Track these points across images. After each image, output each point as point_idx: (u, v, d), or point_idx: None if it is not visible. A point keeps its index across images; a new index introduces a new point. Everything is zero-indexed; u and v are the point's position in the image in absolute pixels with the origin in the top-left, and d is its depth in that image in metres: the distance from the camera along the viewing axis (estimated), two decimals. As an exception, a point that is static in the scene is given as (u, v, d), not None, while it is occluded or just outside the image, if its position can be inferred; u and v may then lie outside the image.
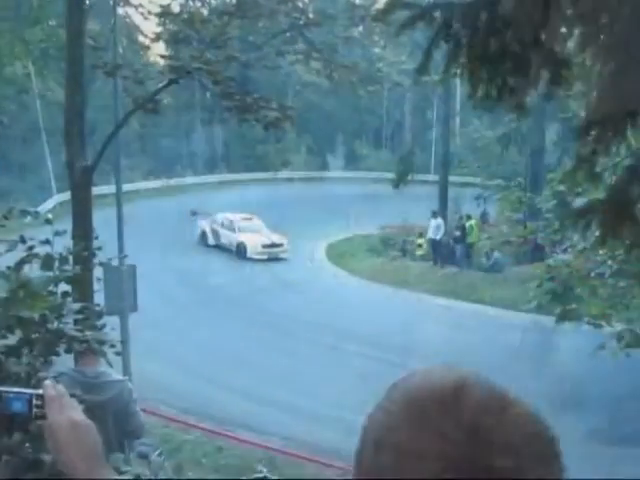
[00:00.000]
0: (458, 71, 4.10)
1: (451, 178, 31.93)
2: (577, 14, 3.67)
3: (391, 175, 33.89)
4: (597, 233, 4.19)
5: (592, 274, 12.60)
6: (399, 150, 40.90)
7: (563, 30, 3.72)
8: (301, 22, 12.49)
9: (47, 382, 1.45)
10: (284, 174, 45.18)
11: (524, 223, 24.46)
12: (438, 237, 26.55)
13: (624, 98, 3.79)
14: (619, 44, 3.64)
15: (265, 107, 10.65)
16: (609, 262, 12.24)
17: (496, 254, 25.15)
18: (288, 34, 13.76)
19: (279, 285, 25.07)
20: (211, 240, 31.27)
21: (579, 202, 9.43)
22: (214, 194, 36.72)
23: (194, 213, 32.14)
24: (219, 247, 30.80)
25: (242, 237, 30.16)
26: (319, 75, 15.16)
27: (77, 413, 1.42)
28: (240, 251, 29.84)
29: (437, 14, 4.19)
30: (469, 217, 26.69)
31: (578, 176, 4.22)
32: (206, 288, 24.27)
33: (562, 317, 12.83)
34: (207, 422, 14.23)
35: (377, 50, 49.72)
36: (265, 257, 29.21)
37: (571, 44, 4.23)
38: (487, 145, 31.05)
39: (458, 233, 26.09)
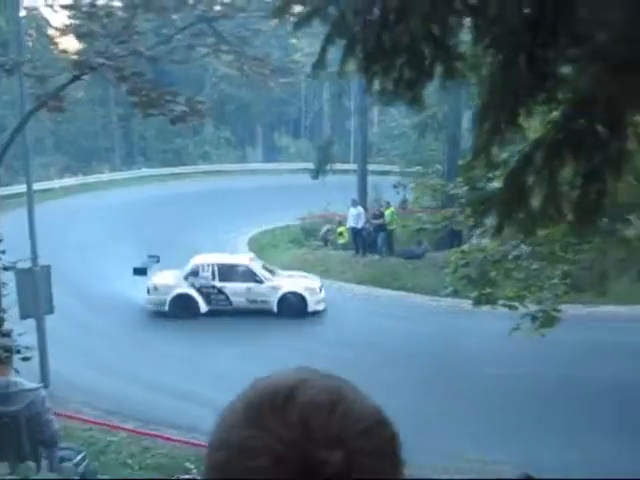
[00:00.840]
0: (355, 66, 4.11)
1: (371, 167, 32.19)
2: (466, 6, 3.73)
3: (311, 165, 33.96)
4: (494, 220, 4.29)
5: (510, 257, 12.87)
6: (318, 140, 40.96)
7: (454, 22, 3.78)
8: (210, 15, 12.36)
9: None
10: (203, 167, 44.78)
11: (441, 210, 24.82)
12: (359, 225, 26.72)
13: (515, 88, 3.87)
14: (508, 35, 3.71)
15: (172, 101, 10.51)
16: (522, 246, 12.52)
17: (425, 242, 25.53)
18: (200, 27, 13.60)
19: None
20: (203, 305, 20.18)
21: (491, 187, 9.63)
22: (132, 190, 36.17)
23: (141, 271, 20.27)
24: (223, 313, 19.99)
25: (288, 284, 20.48)
26: (232, 67, 15.07)
27: None
28: (290, 307, 19.92)
29: (332, 9, 4.19)
30: (388, 205, 26.95)
31: (476, 165, 4.30)
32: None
33: (478, 301, 13.10)
34: (131, 422, 14.09)
35: (294, 41, 49.61)
36: (323, 307, 20.40)
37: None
38: (404, 133, 31.35)
39: (378, 221, 26.34)
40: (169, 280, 20.38)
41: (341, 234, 27.75)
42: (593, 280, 10.17)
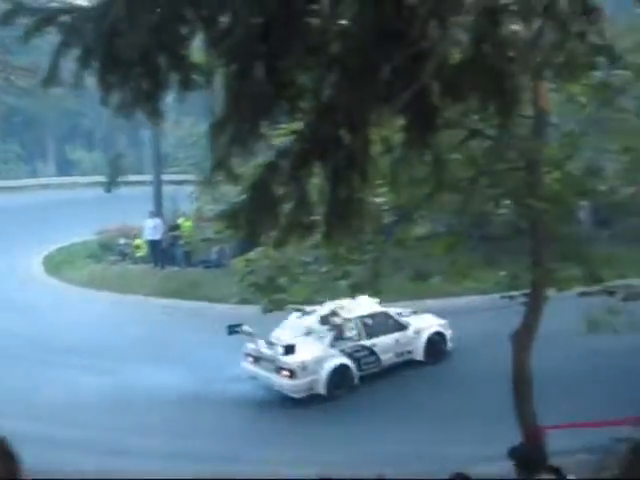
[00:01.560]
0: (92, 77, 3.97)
1: (169, 177, 31.70)
2: (198, 17, 3.69)
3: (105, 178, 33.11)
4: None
5: (309, 260, 13.02)
6: (113, 152, 39.92)
7: (186, 32, 3.72)
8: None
9: None
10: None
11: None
12: (157, 237, 26.26)
13: (254, 98, 3.89)
14: (241, 45, 3.72)
15: None
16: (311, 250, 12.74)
17: (225, 249, 25.31)
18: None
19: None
20: (356, 373, 16.05)
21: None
22: None
23: (290, 349, 15.12)
24: (373, 376, 16.18)
25: (428, 324, 17.04)
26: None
27: None
28: (435, 350, 16.95)
29: (65, 18, 4.03)
30: (185, 215, 26.70)
31: (218, 178, 4.28)
32: None
33: (267, 308, 13.18)
34: None
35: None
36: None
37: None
38: (197, 141, 31.15)
39: (175, 232, 26.01)
40: (314, 352, 15.52)
41: (138, 247, 27.18)
42: (369, 279, 10.54)
